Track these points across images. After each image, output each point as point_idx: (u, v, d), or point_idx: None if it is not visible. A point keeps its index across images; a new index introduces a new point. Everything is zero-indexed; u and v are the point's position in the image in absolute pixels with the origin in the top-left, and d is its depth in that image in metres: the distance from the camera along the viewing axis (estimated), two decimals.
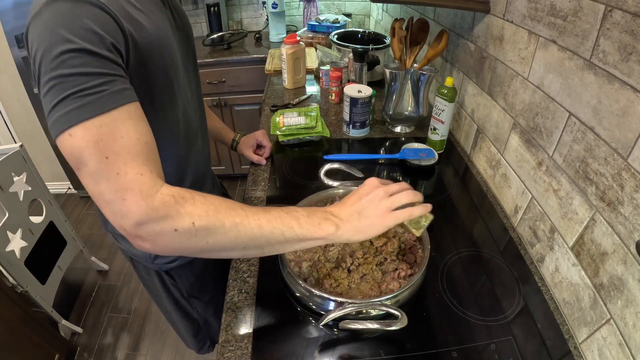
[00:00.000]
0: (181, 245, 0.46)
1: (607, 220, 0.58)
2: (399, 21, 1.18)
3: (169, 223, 0.44)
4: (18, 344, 1.29)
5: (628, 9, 0.52)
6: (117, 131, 0.44)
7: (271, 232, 0.49)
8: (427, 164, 1.03)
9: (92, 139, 0.42)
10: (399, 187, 0.57)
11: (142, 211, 0.43)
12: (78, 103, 0.42)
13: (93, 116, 0.43)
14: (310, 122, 1.14)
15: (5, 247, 1.33)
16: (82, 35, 0.44)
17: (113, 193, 0.43)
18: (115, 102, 0.44)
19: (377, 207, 0.54)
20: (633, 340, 0.52)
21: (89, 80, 0.43)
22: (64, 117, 0.42)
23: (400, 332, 0.58)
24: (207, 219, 0.45)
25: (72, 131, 0.42)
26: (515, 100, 0.84)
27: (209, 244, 0.46)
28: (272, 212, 0.50)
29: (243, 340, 0.62)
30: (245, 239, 0.48)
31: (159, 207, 0.43)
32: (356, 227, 0.53)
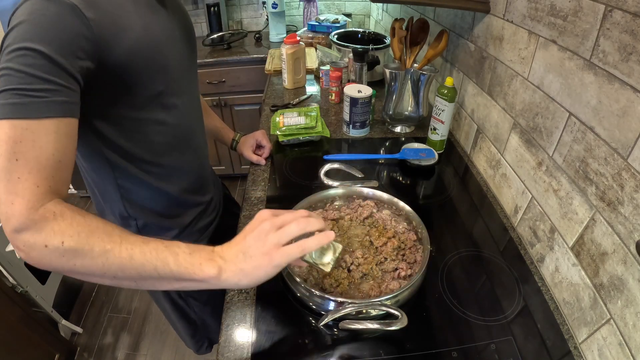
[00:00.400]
0: (51, 262, 0.44)
1: (607, 220, 0.58)
2: (399, 21, 1.18)
3: (41, 237, 0.43)
4: (18, 344, 1.29)
5: (628, 9, 0.52)
6: (38, 140, 0.44)
7: (142, 264, 0.45)
8: (427, 164, 1.03)
9: (13, 137, 0.43)
10: (291, 217, 0.50)
11: (22, 219, 0.43)
12: (15, 100, 0.43)
13: (23, 118, 0.44)
14: (310, 122, 1.14)
15: (5, 247, 1.33)
16: (45, 37, 0.45)
17: (7, 194, 0.43)
18: (48, 112, 0.45)
19: (264, 244, 0.47)
20: (633, 340, 0.52)
21: (34, 82, 0.44)
22: (1, 106, 0.44)
23: (400, 332, 0.58)
24: (78, 240, 0.44)
25: (1, 123, 0.44)
26: (515, 100, 0.84)
27: (76, 266, 0.45)
28: (150, 243, 0.46)
29: (243, 340, 0.62)
30: (114, 268, 0.45)
31: (37, 220, 0.43)
32: (242, 270, 0.47)
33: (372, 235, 0.75)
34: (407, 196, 0.93)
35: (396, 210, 0.81)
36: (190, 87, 0.75)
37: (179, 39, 0.68)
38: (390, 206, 0.82)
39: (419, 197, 0.98)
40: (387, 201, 0.82)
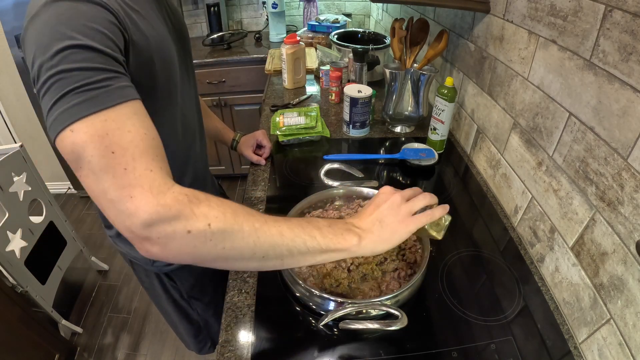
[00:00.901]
0: (194, 250, 0.41)
1: (607, 220, 0.58)
2: (399, 21, 1.18)
3: (182, 223, 0.39)
4: (18, 344, 1.29)
5: (628, 9, 0.52)
6: (124, 125, 0.41)
7: (292, 239, 0.45)
8: (427, 164, 1.03)
9: (96, 134, 0.39)
10: (413, 192, 0.56)
11: (152, 209, 0.38)
12: (81, 98, 0.40)
13: (98, 110, 0.40)
14: (310, 122, 1.14)
15: (5, 247, 1.33)
16: (84, 32, 0.42)
17: (119, 190, 0.39)
18: (120, 97, 0.42)
19: (397, 213, 0.52)
20: (633, 340, 0.52)
21: (93, 75, 0.41)
22: (65, 113, 0.40)
23: (400, 332, 0.58)
24: (225, 221, 0.41)
25: (74, 127, 0.39)
26: (515, 100, 0.84)
27: (225, 250, 0.42)
28: (292, 220, 0.48)
29: (243, 340, 0.62)
30: (265, 246, 0.43)
31: (171, 205, 0.39)
32: (380, 237, 0.51)
33: None
34: None
35: None
36: (188, 90, 0.75)
37: (176, 40, 0.68)
38: None
39: None
40: None
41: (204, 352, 1.14)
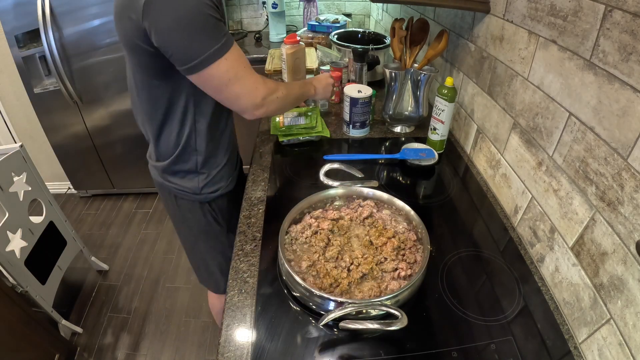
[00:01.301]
0: (278, 105, 0.88)
1: (607, 220, 0.58)
2: (399, 21, 1.18)
3: (275, 94, 0.85)
4: (18, 344, 1.29)
5: (628, 9, 0.52)
6: (240, 53, 0.77)
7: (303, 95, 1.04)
8: (427, 164, 1.03)
9: (237, 57, 0.75)
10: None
11: (266, 90, 0.82)
12: (226, 38, 0.72)
13: (232, 45, 0.74)
14: (310, 122, 1.14)
15: (5, 247, 1.33)
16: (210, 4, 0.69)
17: (253, 84, 0.80)
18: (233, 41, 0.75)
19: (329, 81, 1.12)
20: (633, 340, 0.52)
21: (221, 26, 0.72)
22: (223, 46, 0.72)
23: (400, 332, 0.58)
24: (284, 93, 0.89)
25: (227, 56, 0.73)
26: (515, 100, 0.84)
27: (285, 103, 0.91)
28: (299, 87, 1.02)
29: (243, 340, 0.62)
30: (295, 101, 0.98)
31: (270, 88, 0.84)
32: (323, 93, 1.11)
33: (372, 235, 0.75)
34: (407, 196, 0.93)
35: (396, 210, 0.81)
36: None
37: None
38: (390, 206, 0.82)
39: (419, 197, 0.98)
40: (387, 201, 0.82)
41: (221, 292, 1.19)
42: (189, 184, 0.97)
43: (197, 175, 0.97)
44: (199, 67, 0.71)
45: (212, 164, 0.97)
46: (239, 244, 0.80)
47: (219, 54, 0.71)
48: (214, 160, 0.97)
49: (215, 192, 1.00)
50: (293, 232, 0.76)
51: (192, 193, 0.98)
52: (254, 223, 0.86)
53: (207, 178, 0.97)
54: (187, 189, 0.98)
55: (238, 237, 0.82)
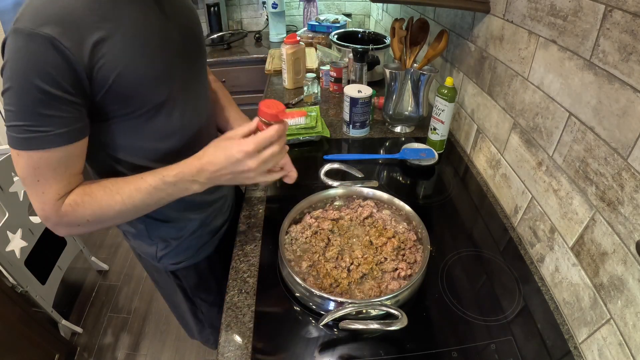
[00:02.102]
0: (86, 230, 0.61)
1: (607, 220, 0.58)
2: (399, 21, 1.18)
3: (71, 224, 0.59)
4: (18, 344, 1.29)
5: (628, 9, 0.52)
6: (51, 164, 0.54)
7: (147, 206, 0.62)
8: (427, 164, 1.03)
9: (32, 165, 0.53)
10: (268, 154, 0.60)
11: (55, 218, 0.58)
12: (26, 135, 0.51)
13: (37, 149, 0.52)
14: (310, 122, 1.14)
15: (5, 247, 1.33)
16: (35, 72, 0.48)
17: (39, 203, 0.56)
18: (55, 143, 0.52)
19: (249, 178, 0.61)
20: (633, 340, 0.52)
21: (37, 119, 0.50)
22: (14, 139, 0.52)
23: (400, 332, 0.58)
24: (94, 215, 0.59)
25: (19, 152, 0.52)
26: (515, 100, 0.84)
27: (103, 226, 0.62)
28: (142, 189, 0.59)
29: (243, 340, 0.62)
30: (129, 216, 0.62)
31: (63, 215, 0.57)
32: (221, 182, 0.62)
33: (372, 235, 0.75)
34: (407, 196, 0.93)
35: (396, 210, 0.81)
36: (197, 90, 0.72)
37: (179, 40, 0.65)
38: (390, 206, 0.82)
39: (419, 197, 0.98)
40: (387, 201, 0.82)
41: (209, 345, 1.17)
42: (144, 248, 0.82)
43: (152, 243, 0.80)
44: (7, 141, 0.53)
45: (169, 232, 0.79)
46: (239, 244, 0.80)
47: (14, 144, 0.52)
48: (170, 230, 0.78)
49: (179, 263, 0.84)
50: (293, 232, 0.76)
51: (151, 258, 0.84)
52: (254, 223, 0.85)
53: (166, 249, 0.81)
54: (143, 253, 0.84)
55: (238, 237, 0.82)
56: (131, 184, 0.60)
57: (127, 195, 0.59)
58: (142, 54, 0.57)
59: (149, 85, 0.60)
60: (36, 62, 0.48)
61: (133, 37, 0.56)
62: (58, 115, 0.51)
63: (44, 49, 0.47)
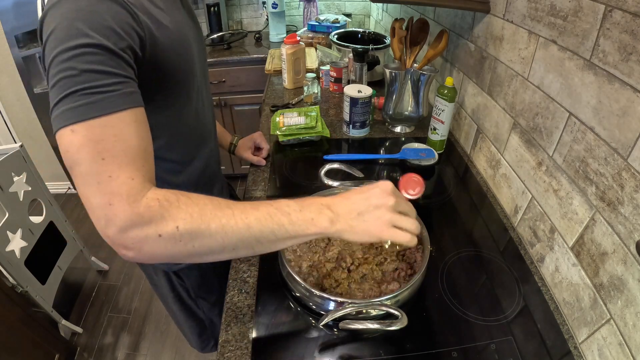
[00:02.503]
0: (166, 252, 0.43)
1: (607, 220, 0.58)
2: (399, 21, 1.18)
3: (152, 228, 0.42)
4: (18, 344, 1.29)
5: (628, 9, 0.52)
6: (120, 134, 0.43)
7: (260, 231, 0.46)
8: (427, 164, 1.03)
9: (93, 138, 0.41)
10: (408, 208, 0.53)
11: (128, 217, 0.41)
12: (87, 100, 0.41)
13: (99, 115, 0.41)
14: (310, 122, 1.14)
15: (5, 247, 1.33)
16: (101, 31, 0.43)
17: (102, 196, 0.41)
18: (123, 104, 0.43)
19: (382, 216, 0.49)
20: (633, 340, 0.52)
21: (102, 78, 0.42)
22: (69, 112, 0.41)
23: (400, 332, 0.58)
24: (192, 222, 0.43)
25: (75, 127, 0.41)
26: (515, 100, 0.84)
27: (195, 248, 0.44)
28: (261, 208, 0.47)
29: (243, 340, 0.62)
30: (234, 240, 0.45)
31: (144, 213, 0.41)
32: (352, 227, 0.49)
33: None
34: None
35: None
36: (206, 86, 0.76)
37: (194, 39, 0.69)
38: None
39: (419, 197, 0.97)
40: None
41: (207, 351, 1.14)
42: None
43: None
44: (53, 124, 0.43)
45: None
46: None
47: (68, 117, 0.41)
48: None
49: (180, 263, 0.82)
50: None
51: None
52: None
53: None
54: None
55: None
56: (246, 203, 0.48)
57: (239, 210, 0.46)
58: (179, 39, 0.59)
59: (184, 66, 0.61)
60: (105, 19, 0.44)
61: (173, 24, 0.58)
62: (124, 74, 0.44)
63: (114, 9, 0.45)
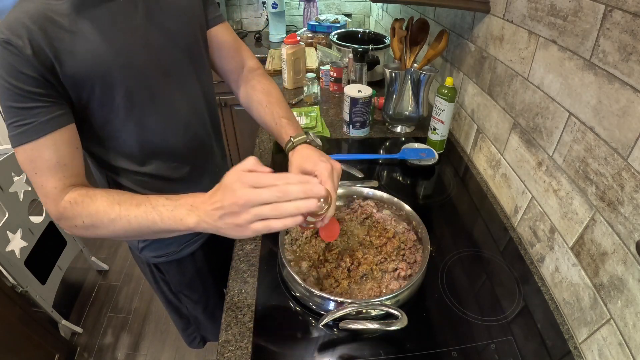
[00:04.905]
0: (84, 233, 0.60)
1: (607, 220, 0.58)
2: (399, 21, 1.18)
3: (69, 222, 0.59)
4: (18, 344, 1.29)
5: (628, 9, 0.52)
6: (42, 155, 0.56)
7: (139, 225, 0.56)
8: (427, 164, 1.03)
9: (28, 158, 0.57)
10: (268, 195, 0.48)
11: (54, 214, 0.59)
12: (17, 130, 0.55)
13: (26, 142, 0.55)
14: (311, 122, 1.14)
15: (5, 247, 1.33)
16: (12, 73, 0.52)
17: (42, 196, 0.59)
18: (41, 131, 0.55)
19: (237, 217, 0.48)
20: (633, 340, 0.52)
21: (20, 113, 0.54)
22: (12, 138, 0.56)
23: (400, 332, 0.58)
24: (91, 219, 0.57)
25: (18, 149, 0.56)
26: (515, 100, 0.84)
27: (99, 234, 0.59)
28: (141, 206, 0.55)
29: (243, 340, 0.62)
30: (120, 232, 0.57)
31: (62, 212, 0.58)
32: (217, 227, 0.51)
33: (372, 235, 0.75)
34: (407, 196, 0.93)
35: (396, 210, 0.81)
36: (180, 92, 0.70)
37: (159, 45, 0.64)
38: (390, 206, 0.82)
39: (419, 197, 0.98)
40: (387, 201, 0.82)
41: (194, 346, 1.15)
42: (130, 241, 0.85)
43: None
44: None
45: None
46: (239, 244, 0.80)
47: (12, 142, 0.56)
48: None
49: (159, 257, 0.85)
50: (293, 233, 0.76)
51: (134, 248, 0.86)
52: None
53: (147, 241, 0.82)
54: (131, 245, 0.87)
55: None
56: (134, 198, 0.56)
57: (125, 207, 0.56)
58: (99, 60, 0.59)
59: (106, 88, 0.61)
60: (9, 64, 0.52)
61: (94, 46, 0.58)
62: (39, 106, 0.55)
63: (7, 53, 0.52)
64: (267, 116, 0.77)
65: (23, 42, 0.52)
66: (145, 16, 0.63)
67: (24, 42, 0.52)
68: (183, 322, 1.05)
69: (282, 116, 0.75)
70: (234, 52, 0.83)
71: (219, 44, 0.81)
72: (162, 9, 0.65)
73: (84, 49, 0.56)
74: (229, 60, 0.84)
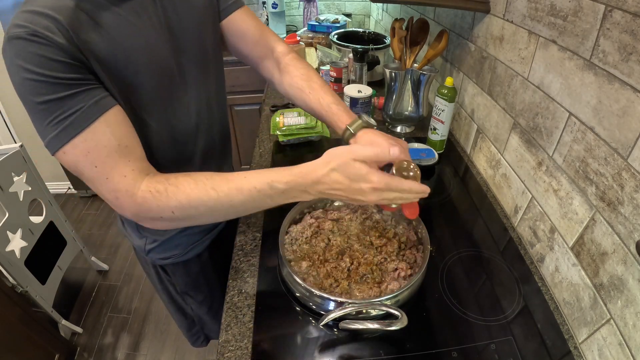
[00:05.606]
0: (175, 225, 0.56)
1: (607, 220, 0.58)
2: (399, 21, 1.18)
3: (153, 214, 0.52)
4: (18, 344, 1.29)
5: (628, 9, 0.52)
6: (99, 142, 0.50)
7: (245, 209, 0.55)
8: (427, 164, 1.03)
9: (81, 153, 0.49)
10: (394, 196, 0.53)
11: (132, 207, 0.52)
12: (61, 126, 0.48)
13: (76, 135, 0.49)
14: (310, 122, 1.14)
15: (5, 247, 1.33)
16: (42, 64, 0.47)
17: (108, 193, 0.51)
18: (91, 116, 0.49)
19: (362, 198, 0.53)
20: (633, 340, 0.52)
21: (62, 105, 0.48)
22: (54, 139, 0.49)
23: (400, 332, 0.58)
24: (181, 208, 0.52)
25: (64, 149, 0.49)
26: (515, 100, 0.84)
27: (193, 222, 0.56)
28: (244, 190, 0.52)
29: (243, 340, 0.62)
30: (222, 216, 0.55)
31: (142, 204, 0.51)
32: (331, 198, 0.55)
33: (372, 235, 0.75)
34: None
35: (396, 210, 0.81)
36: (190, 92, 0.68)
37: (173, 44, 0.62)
38: None
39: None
40: None
41: (197, 345, 1.15)
42: (135, 240, 0.83)
43: (141, 236, 0.80)
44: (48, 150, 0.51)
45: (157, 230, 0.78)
46: (238, 244, 0.80)
47: (56, 144, 0.50)
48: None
49: (166, 259, 0.85)
50: (293, 232, 0.76)
51: (140, 251, 0.84)
52: (254, 223, 0.85)
53: (154, 243, 0.81)
54: (136, 247, 0.85)
55: (238, 237, 0.82)
56: (232, 182, 0.53)
57: (224, 193, 0.52)
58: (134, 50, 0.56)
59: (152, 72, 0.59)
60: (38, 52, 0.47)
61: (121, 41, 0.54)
62: (82, 90, 0.50)
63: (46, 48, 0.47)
64: (314, 103, 0.74)
65: (51, 31, 0.48)
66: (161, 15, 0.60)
67: (51, 31, 0.48)
68: (188, 322, 1.05)
69: (331, 102, 0.73)
70: (259, 38, 0.80)
71: (242, 32, 0.77)
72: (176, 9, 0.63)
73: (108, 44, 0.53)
74: (254, 47, 0.80)
